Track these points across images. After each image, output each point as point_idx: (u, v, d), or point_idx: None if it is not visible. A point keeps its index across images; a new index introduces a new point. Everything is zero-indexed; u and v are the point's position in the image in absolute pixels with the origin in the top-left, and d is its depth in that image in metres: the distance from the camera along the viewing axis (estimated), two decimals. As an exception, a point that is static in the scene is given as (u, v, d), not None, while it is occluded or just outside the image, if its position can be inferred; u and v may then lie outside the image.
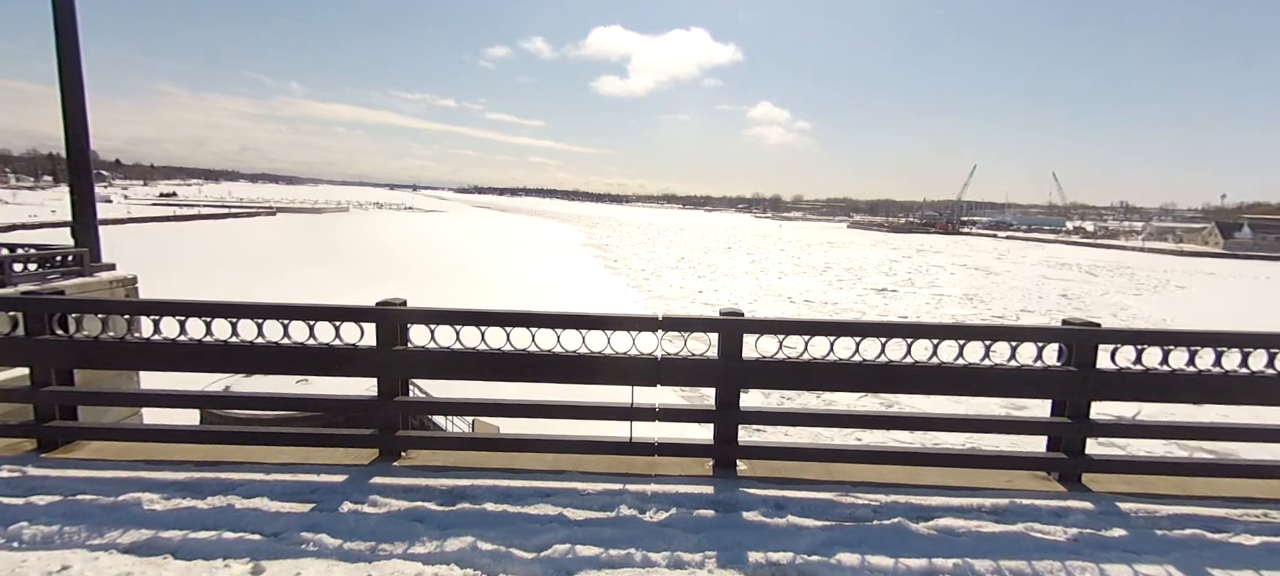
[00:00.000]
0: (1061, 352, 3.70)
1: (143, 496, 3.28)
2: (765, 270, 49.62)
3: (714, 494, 3.55)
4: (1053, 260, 69.73)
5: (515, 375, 3.73)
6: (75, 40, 11.28)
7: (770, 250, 70.51)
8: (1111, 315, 33.88)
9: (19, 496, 3.29)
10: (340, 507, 3.28)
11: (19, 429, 4.01)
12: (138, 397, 4.99)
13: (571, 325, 3.65)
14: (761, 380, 3.82)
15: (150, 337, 3.77)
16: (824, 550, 2.99)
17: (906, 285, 43.61)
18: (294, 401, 5.00)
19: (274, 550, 2.88)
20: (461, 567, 2.81)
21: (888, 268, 55.32)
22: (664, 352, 3.69)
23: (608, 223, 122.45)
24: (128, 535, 2.96)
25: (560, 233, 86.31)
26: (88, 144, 11.85)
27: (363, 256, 43.52)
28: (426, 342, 3.77)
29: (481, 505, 3.35)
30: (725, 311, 3.84)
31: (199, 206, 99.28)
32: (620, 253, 59.63)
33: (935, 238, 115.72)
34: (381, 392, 3.85)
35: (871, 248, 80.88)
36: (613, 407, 3.82)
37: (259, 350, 3.73)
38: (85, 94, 11.57)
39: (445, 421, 9.85)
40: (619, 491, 3.51)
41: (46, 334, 3.79)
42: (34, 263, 10.75)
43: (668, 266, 49.19)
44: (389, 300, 3.83)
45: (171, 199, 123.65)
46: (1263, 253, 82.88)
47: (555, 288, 33.93)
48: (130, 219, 67.80)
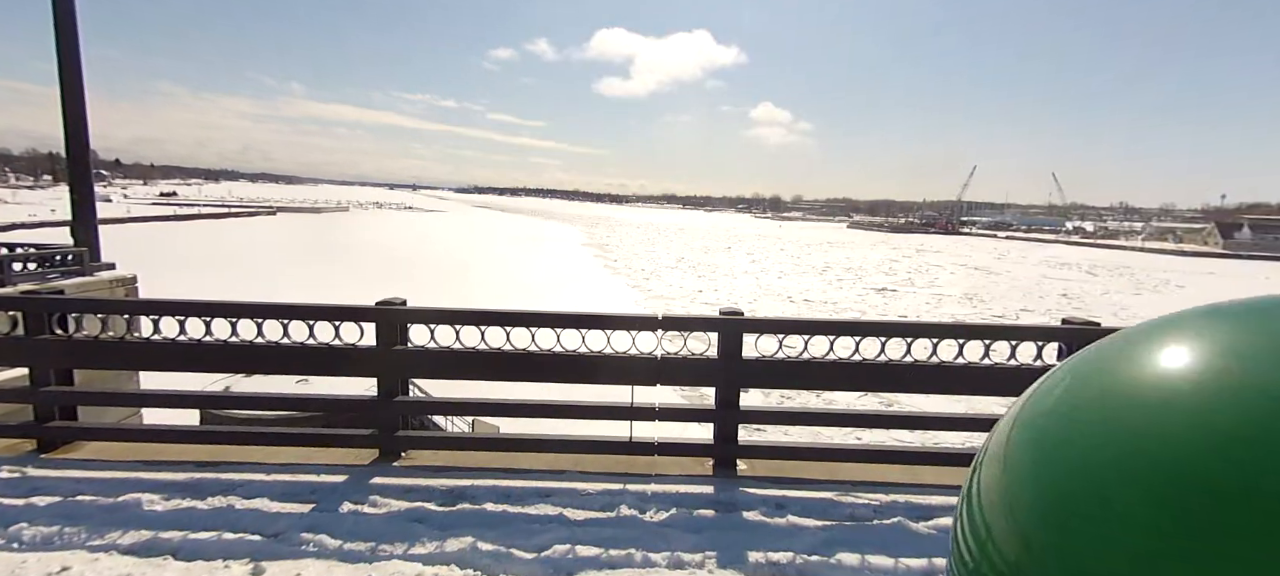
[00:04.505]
0: (1061, 351, 3.70)
1: (143, 497, 3.28)
2: (765, 270, 49.60)
3: (714, 493, 3.55)
4: (1053, 260, 69.70)
5: (515, 375, 3.73)
6: (75, 40, 11.27)
7: (770, 250, 70.50)
8: (1112, 315, 33.88)
9: (19, 497, 3.29)
10: (340, 508, 3.28)
11: (19, 429, 4.01)
12: (138, 398, 4.99)
13: (571, 325, 3.64)
14: (761, 379, 3.82)
15: (150, 337, 3.77)
16: (824, 550, 2.99)
17: (906, 285, 43.58)
18: (294, 401, 5.00)
19: (274, 550, 2.88)
20: (461, 567, 2.81)
21: (887, 267, 55.29)
22: (664, 352, 3.69)
23: (608, 222, 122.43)
24: (128, 536, 2.96)
25: (560, 232, 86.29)
26: (88, 143, 11.84)
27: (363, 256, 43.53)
28: (426, 342, 3.77)
29: (481, 505, 3.35)
30: (725, 311, 3.83)
31: (199, 206, 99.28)
32: (620, 252, 59.62)
33: (935, 237, 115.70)
34: (381, 392, 3.85)
35: (871, 247, 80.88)
36: (612, 407, 3.82)
37: (259, 350, 3.73)
38: (85, 94, 11.56)
39: (445, 421, 9.85)
40: (619, 491, 3.51)
41: (46, 334, 3.78)
42: (34, 262, 10.75)
43: (668, 266, 49.16)
44: (389, 300, 3.83)
45: (171, 198, 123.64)
46: (1263, 252, 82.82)
47: (555, 287, 33.91)
48: (130, 218, 67.80)
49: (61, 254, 11.24)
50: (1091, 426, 0.35)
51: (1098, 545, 0.30)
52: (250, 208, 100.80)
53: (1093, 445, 0.34)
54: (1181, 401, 0.32)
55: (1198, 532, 0.27)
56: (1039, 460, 0.36)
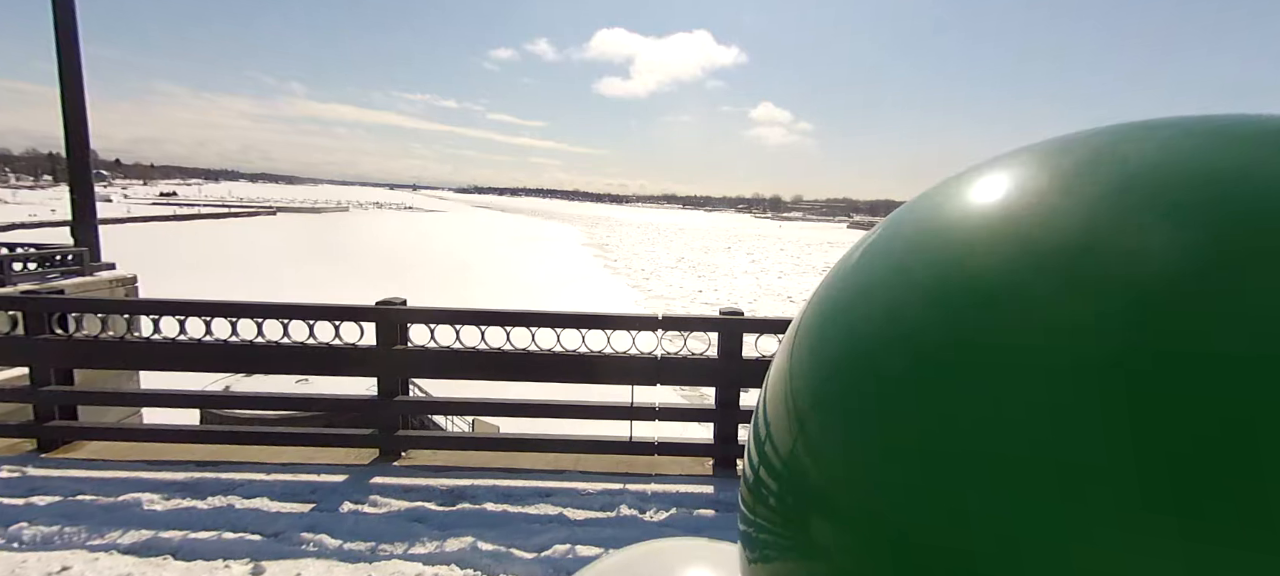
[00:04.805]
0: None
1: (143, 496, 3.28)
2: (765, 270, 49.60)
3: (714, 493, 3.55)
4: (1053, 260, 69.62)
5: (515, 375, 3.73)
6: (75, 40, 11.27)
7: (770, 250, 70.51)
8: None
9: (19, 496, 3.29)
10: (340, 508, 3.28)
11: (19, 429, 4.01)
12: (138, 397, 4.98)
13: (571, 325, 3.64)
14: (761, 379, 3.81)
15: (150, 337, 3.77)
16: (824, 550, 2.99)
17: (906, 285, 43.52)
18: (294, 401, 5.00)
19: (274, 550, 2.88)
20: (461, 568, 2.81)
21: (888, 267, 55.18)
22: (664, 352, 3.69)
23: (608, 223, 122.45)
24: (128, 535, 2.95)
25: (560, 232, 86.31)
26: (88, 143, 11.84)
27: (362, 256, 43.52)
28: (426, 342, 3.77)
29: (481, 505, 3.35)
30: (725, 311, 3.83)
31: (199, 206, 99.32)
32: (620, 252, 59.62)
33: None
34: (381, 392, 3.85)
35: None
36: (613, 407, 3.82)
37: (259, 350, 3.73)
38: (85, 94, 11.56)
39: (445, 421, 9.85)
40: (619, 491, 3.51)
41: (46, 333, 3.78)
42: (34, 262, 10.75)
43: (667, 266, 49.16)
44: (389, 300, 3.83)
45: (171, 198, 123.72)
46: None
47: (555, 287, 33.91)
48: (130, 218, 67.81)
49: (61, 254, 11.23)
50: (864, 285, 0.32)
51: (865, 411, 0.27)
52: (250, 208, 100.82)
53: (860, 305, 0.31)
54: (931, 252, 0.29)
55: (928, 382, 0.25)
56: (816, 333, 0.33)
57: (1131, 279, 0.23)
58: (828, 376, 0.30)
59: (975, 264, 0.27)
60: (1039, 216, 0.27)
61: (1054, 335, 0.23)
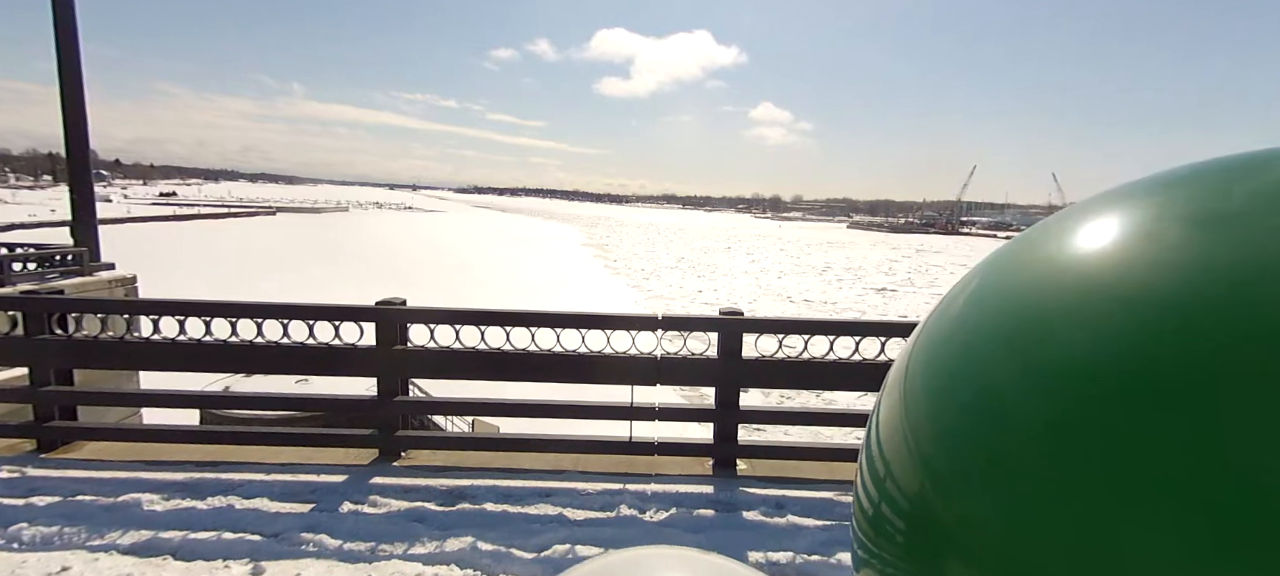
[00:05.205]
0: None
1: (143, 497, 3.28)
2: (765, 270, 49.59)
3: (714, 493, 3.55)
4: (1052, 260, 69.54)
5: (515, 375, 3.73)
6: (75, 40, 11.27)
7: (770, 250, 70.50)
8: (1111, 315, 33.73)
9: (19, 497, 3.29)
10: (340, 508, 3.28)
11: (19, 429, 4.01)
12: (138, 397, 4.99)
13: (571, 325, 3.64)
14: (761, 379, 3.82)
15: (150, 337, 3.77)
16: (824, 550, 2.99)
17: (906, 285, 43.58)
18: (294, 401, 5.00)
19: (274, 550, 2.88)
20: (461, 568, 2.81)
21: (887, 267, 55.30)
22: (664, 352, 3.69)
23: (608, 223, 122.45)
24: (128, 535, 2.96)
25: (560, 232, 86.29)
26: (88, 143, 11.84)
27: (362, 256, 43.51)
28: (426, 342, 3.77)
29: (481, 505, 3.35)
30: (725, 311, 3.83)
31: (199, 206, 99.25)
32: (620, 252, 59.61)
33: (935, 238, 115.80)
34: (381, 392, 3.85)
35: (871, 248, 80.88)
36: (612, 407, 3.82)
37: (259, 350, 3.73)
38: (85, 94, 11.56)
39: (445, 421, 9.85)
40: (619, 491, 3.51)
41: (46, 333, 3.78)
42: (33, 262, 10.75)
43: (667, 266, 49.15)
44: (389, 300, 3.83)
45: (171, 198, 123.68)
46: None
47: (555, 287, 33.90)
48: (130, 218, 67.77)
49: (61, 254, 11.24)
50: (986, 327, 0.32)
51: (995, 455, 0.27)
52: (250, 208, 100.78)
53: (986, 349, 0.30)
54: (1066, 295, 0.29)
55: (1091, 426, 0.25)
56: (934, 375, 0.33)
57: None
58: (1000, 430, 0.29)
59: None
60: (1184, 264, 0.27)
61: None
